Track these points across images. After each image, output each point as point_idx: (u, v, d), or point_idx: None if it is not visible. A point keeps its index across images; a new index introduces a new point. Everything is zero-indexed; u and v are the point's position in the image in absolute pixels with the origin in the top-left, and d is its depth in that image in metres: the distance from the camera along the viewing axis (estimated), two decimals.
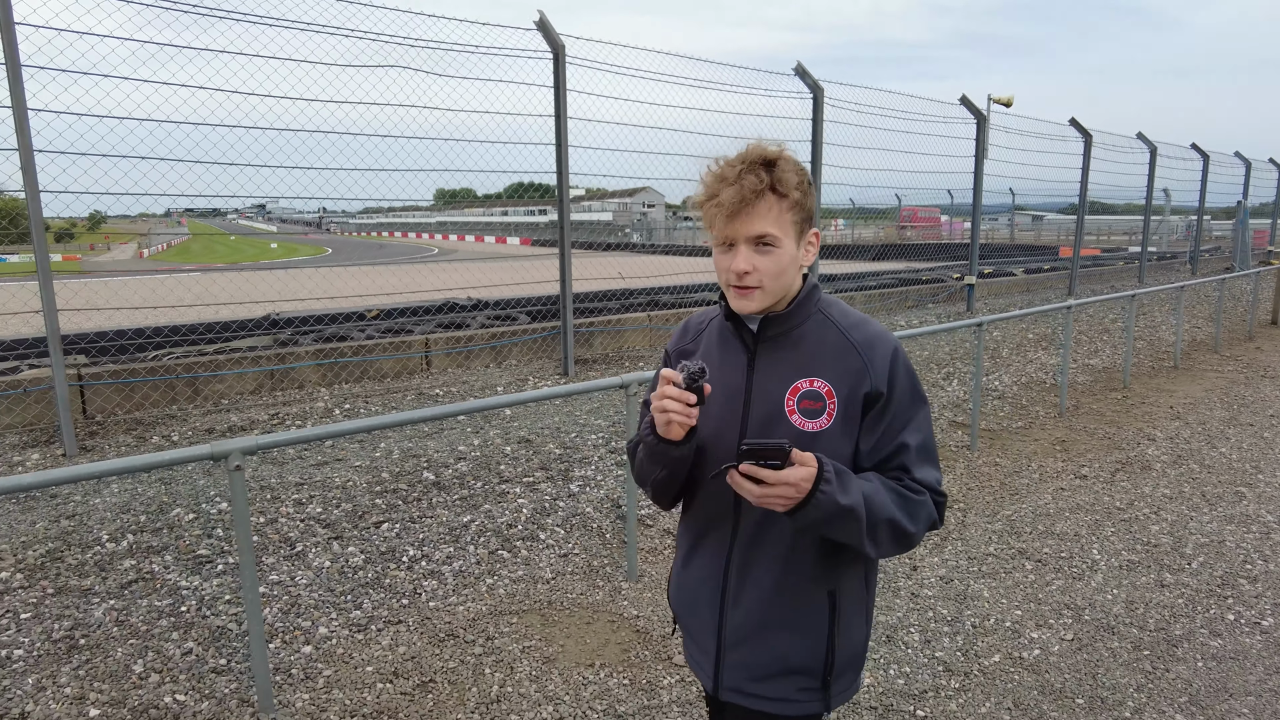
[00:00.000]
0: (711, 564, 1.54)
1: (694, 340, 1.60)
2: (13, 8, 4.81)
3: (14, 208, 7.83)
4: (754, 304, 1.44)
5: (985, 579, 3.85)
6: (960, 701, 2.89)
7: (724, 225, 1.40)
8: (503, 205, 62.64)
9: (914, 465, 1.46)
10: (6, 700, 2.85)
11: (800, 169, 1.45)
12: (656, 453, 1.44)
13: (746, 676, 1.51)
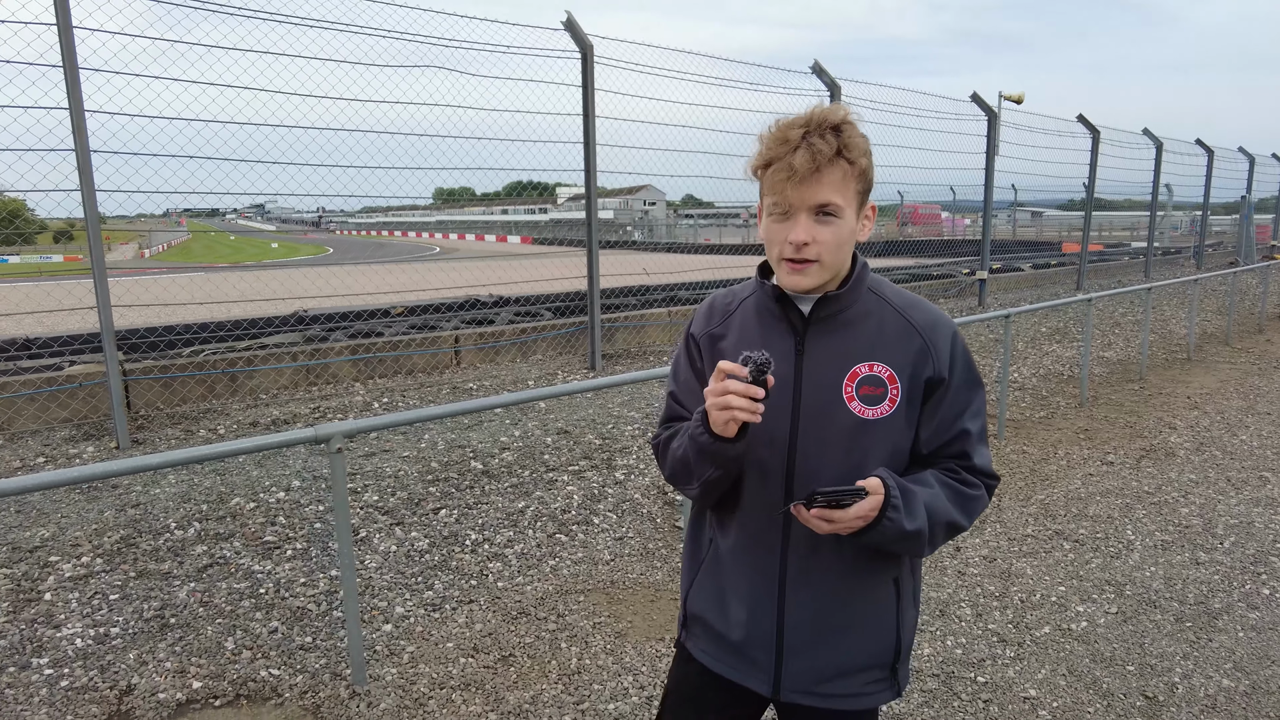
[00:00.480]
0: (763, 566, 1.45)
1: (722, 323, 1.49)
2: (71, 11, 4.95)
3: (14, 208, 7.89)
4: (809, 280, 1.35)
5: (1027, 558, 4.02)
6: (1017, 669, 3.05)
7: (789, 190, 1.31)
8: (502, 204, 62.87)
9: (974, 451, 1.42)
10: (114, 674, 3.00)
11: (865, 136, 1.36)
12: (710, 451, 1.33)
13: (815, 679, 1.45)
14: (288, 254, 48.09)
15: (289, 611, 3.45)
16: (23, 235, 24.76)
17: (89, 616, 3.37)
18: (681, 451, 1.40)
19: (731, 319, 1.48)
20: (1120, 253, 22.15)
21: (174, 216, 54.06)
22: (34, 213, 10.75)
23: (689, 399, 1.49)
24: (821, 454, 1.38)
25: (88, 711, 2.82)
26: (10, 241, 38.89)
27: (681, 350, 1.53)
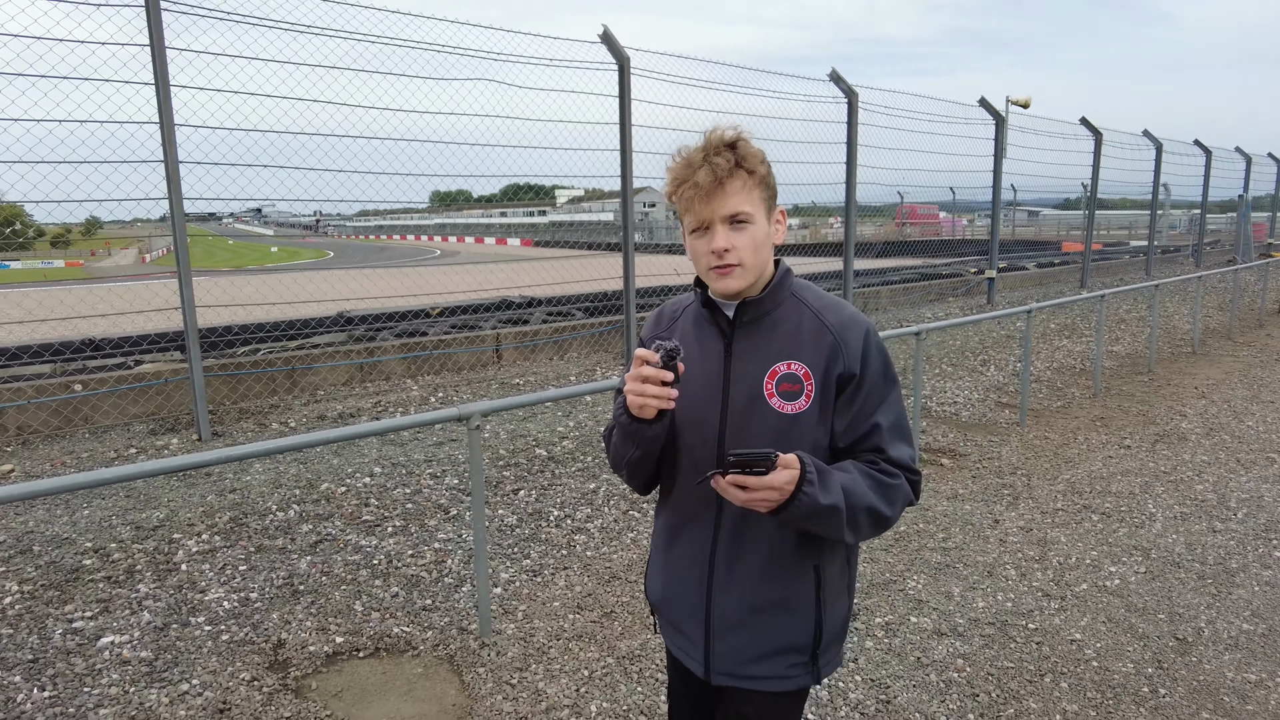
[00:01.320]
0: (695, 552, 1.56)
1: (668, 328, 1.63)
2: (165, 27, 5.35)
3: (13, 214, 8.10)
4: (735, 282, 1.46)
5: (1059, 528, 4.45)
6: (1062, 618, 3.48)
7: (700, 207, 1.43)
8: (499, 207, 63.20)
9: (888, 444, 1.48)
10: (265, 630, 3.41)
11: (758, 149, 1.48)
12: (630, 432, 1.46)
13: (738, 660, 1.55)
14: (288, 257, 48.36)
15: (404, 579, 3.85)
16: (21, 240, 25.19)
17: (226, 584, 3.77)
18: (615, 436, 1.54)
19: (676, 325, 1.61)
20: (1120, 251, 22.68)
21: None
22: (31, 218, 11.04)
23: None
24: (741, 441, 1.47)
25: (250, 661, 3.22)
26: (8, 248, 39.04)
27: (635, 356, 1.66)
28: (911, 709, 2.87)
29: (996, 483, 5.21)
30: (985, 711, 2.86)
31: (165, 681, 3.07)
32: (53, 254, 44.80)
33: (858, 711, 2.85)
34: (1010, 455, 5.77)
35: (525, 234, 55.61)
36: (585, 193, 52.46)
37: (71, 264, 42.23)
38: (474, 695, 2.99)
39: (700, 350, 1.54)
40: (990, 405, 7.12)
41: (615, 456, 1.56)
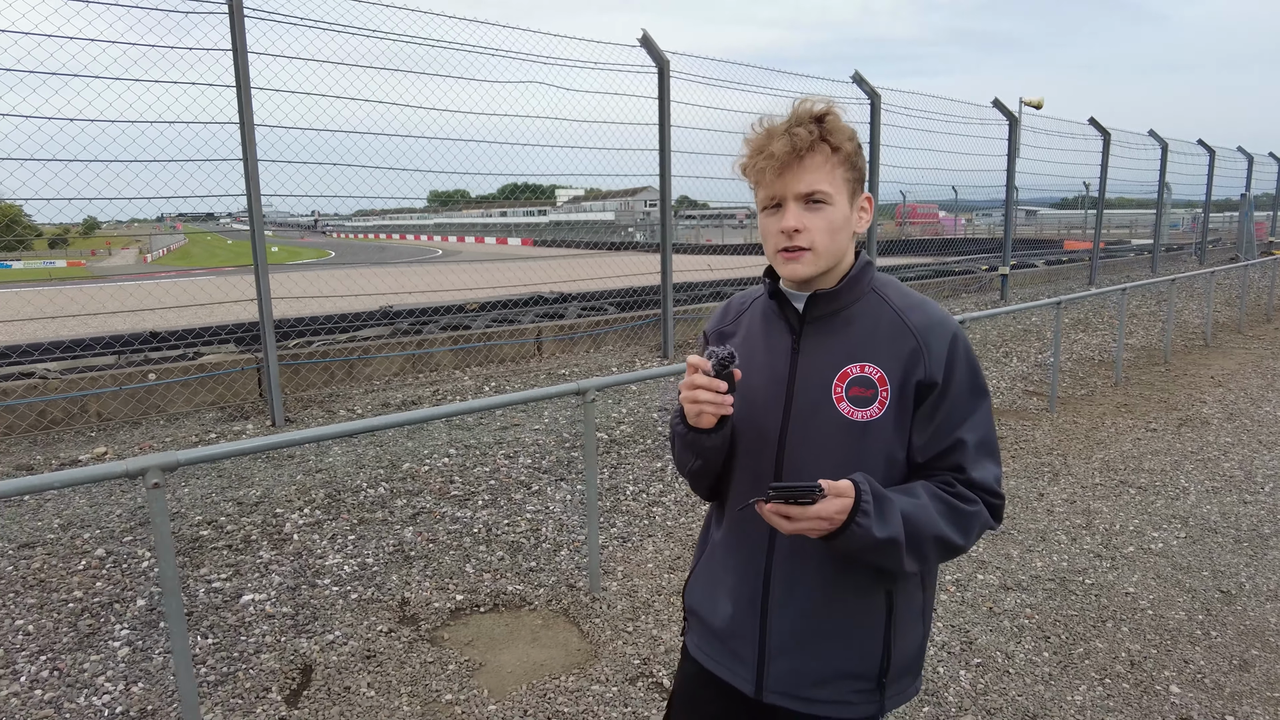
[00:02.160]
0: (750, 564, 1.46)
1: (734, 321, 1.53)
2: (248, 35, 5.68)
3: (11, 214, 8.28)
4: (804, 268, 1.35)
5: (1101, 500, 4.82)
6: (1114, 575, 3.84)
7: (773, 181, 1.33)
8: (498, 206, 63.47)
9: (970, 464, 1.36)
10: (388, 590, 3.74)
11: (849, 126, 1.37)
12: (689, 442, 1.40)
13: (796, 682, 1.44)
14: (290, 257, 48.61)
15: (505, 544, 4.20)
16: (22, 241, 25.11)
17: (340, 551, 4.10)
18: (675, 445, 1.48)
19: (743, 318, 1.52)
20: (1125, 249, 23.13)
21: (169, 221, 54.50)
22: (31, 219, 11.28)
23: None
24: (809, 454, 1.37)
25: (382, 616, 3.55)
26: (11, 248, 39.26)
27: (700, 346, 1.54)
28: (992, 649, 3.22)
29: (1035, 461, 5.58)
30: (1057, 651, 3.21)
31: (311, 632, 3.41)
32: (52, 254, 44.96)
33: (945, 651, 3.21)
34: (1044, 438, 6.14)
35: (526, 234, 55.88)
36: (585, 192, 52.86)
37: (73, 264, 42.45)
38: (595, 642, 3.33)
39: (766, 347, 1.44)
40: (1018, 393, 7.49)
41: (679, 463, 1.50)
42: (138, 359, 7.45)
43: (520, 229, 58.94)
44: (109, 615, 3.48)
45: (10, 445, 5.89)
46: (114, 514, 4.51)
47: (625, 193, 55.01)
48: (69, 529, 4.31)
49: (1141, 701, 2.90)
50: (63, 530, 4.29)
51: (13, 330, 8.40)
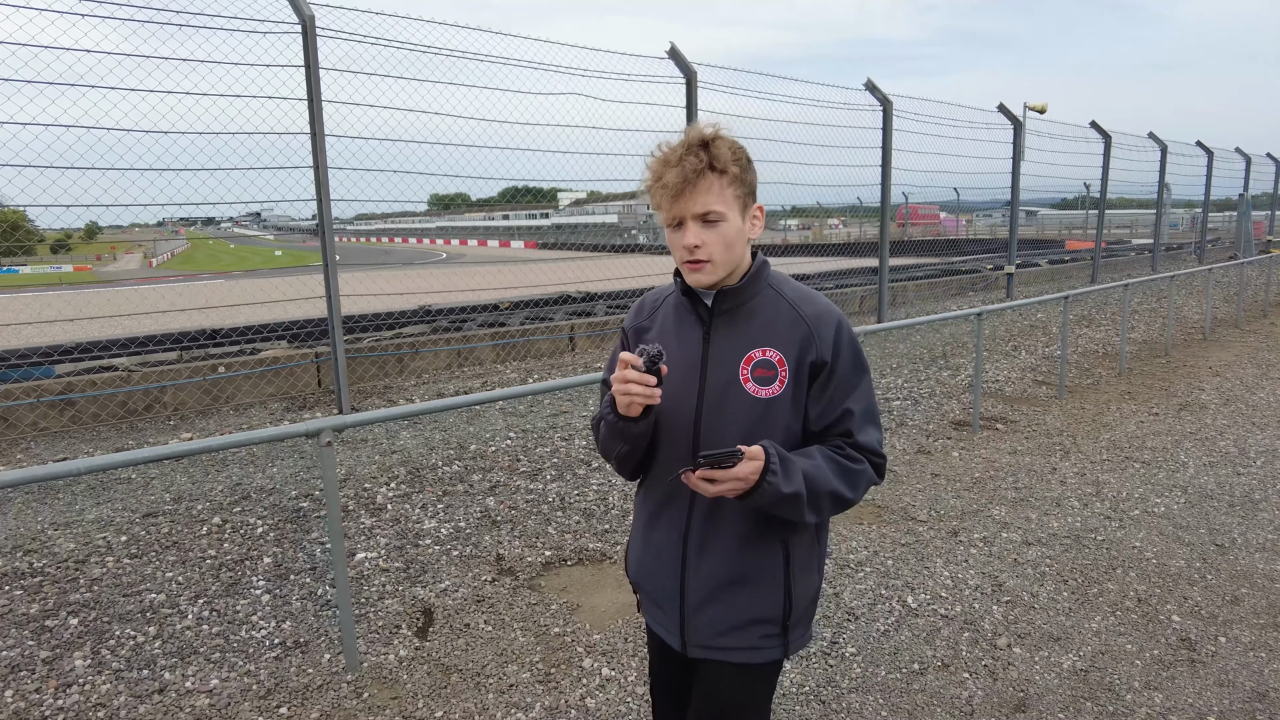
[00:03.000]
0: (671, 532, 1.67)
1: (649, 317, 1.70)
2: (319, 50, 6.21)
3: (14, 219, 8.50)
4: (706, 277, 1.55)
5: (1109, 473, 5.36)
6: (1122, 533, 4.39)
7: (670, 205, 1.52)
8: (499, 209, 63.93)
9: (857, 429, 1.59)
10: (483, 548, 4.28)
11: (736, 146, 1.55)
12: (617, 430, 1.56)
13: (713, 632, 1.65)
14: (295, 261, 49.06)
15: (579, 511, 4.73)
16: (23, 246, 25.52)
17: (434, 518, 4.63)
18: (602, 430, 1.64)
19: (657, 314, 1.70)
20: (1125, 249, 23.73)
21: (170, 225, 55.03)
22: (33, 224, 11.66)
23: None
24: (722, 428, 1.57)
25: (482, 569, 4.08)
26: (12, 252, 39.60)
27: (620, 341, 1.75)
28: (1019, 590, 3.76)
29: (1048, 441, 6.12)
30: (1075, 591, 3.75)
31: (424, 583, 3.94)
32: (62, 259, 45.42)
33: (979, 592, 3.75)
34: (1054, 421, 6.69)
35: (529, 236, 56.37)
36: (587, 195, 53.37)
37: (80, 268, 42.95)
38: None
39: (679, 338, 1.63)
40: (1028, 383, 8.04)
41: (605, 449, 1.67)
42: (199, 354, 7.98)
43: (523, 232, 59.42)
44: (243, 569, 4.01)
45: (101, 432, 6.42)
46: (216, 489, 5.05)
47: (627, 196, 55.67)
48: (180, 501, 4.84)
49: (1148, 627, 3.44)
50: (175, 503, 4.81)
51: (74, 329, 8.92)
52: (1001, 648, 3.29)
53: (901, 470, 5.49)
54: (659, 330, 1.65)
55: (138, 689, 3.08)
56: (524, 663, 3.27)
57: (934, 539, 4.37)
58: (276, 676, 3.17)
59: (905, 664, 3.18)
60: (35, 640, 3.36)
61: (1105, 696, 2.95)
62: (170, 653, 3.31)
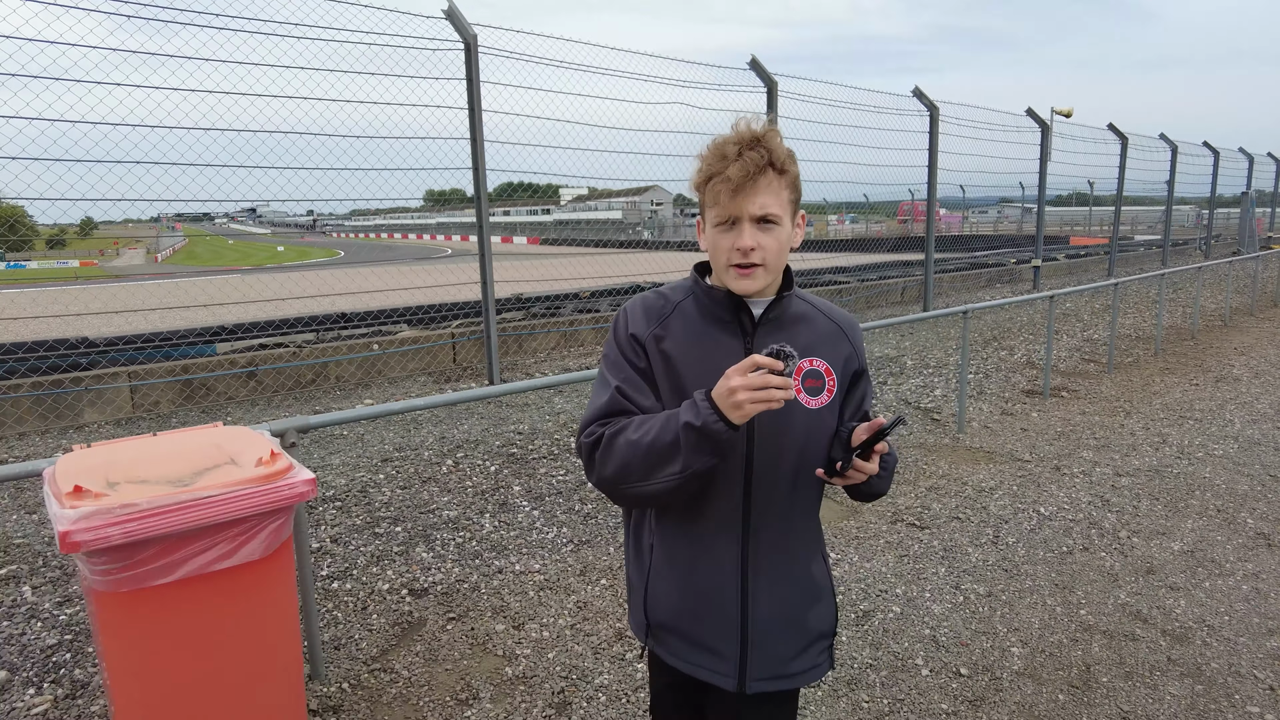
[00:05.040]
0: (724, 564, 1.57)
1: (660, 325, 1.57)
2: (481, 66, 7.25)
3: (13, 215, 9.00)
4: (756, 283, 1.49)
5: (1168, 428, 6.52)
6: (1193, 468, 5.53)
7: (729, 202, 1.45)
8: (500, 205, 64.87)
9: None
10: None
11: (788, 148, 1.50)
12: (723, 440, 1.40)
13: (781, 660, 1.59)
14: (298, 257, 49.81)
15: None
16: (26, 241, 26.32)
17: None
18: (658, 442, 1.43)
19: (668, 321, 1.57)
20: (1135, 245, 25.11)
21: (166, 221, 55.51)
22: (32, 219, 12.19)
23: (637, 394, 1.55)
24: (775, 441, 1.52)
25: None
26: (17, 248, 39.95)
27: (619, 350, 1.59)
28: (1123, 505, 4.89)
29: (1110, 405, 7.28)
30: (1166, 505, 4.88)
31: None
32: (67, 254, 45.86)
33: (1092, 506, 4.87)
34: (1109, 390, 7.85)
35: (532, 232, 57.28)
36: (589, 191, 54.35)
37: (86, 264, 43.48)
38: (847, 505, 4.95)
39: (713, 348, 1.53)
40: (1077, 360, 9.21)
41: (653, 465, 1.45)
42: (328, 336, 9.00)
43: (526, 228, 60.36)
44: (505, 494, 5.06)
45: (281, 401, 7.44)
46: (427, 440, 6.09)
47: (632, 192, 56.71)
48: (400, 450, 5.87)
49: (1229, 527, 4.57)
50: (398, 451, 5.85)
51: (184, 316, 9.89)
52: (1123, 538, 4.41)
53: (995, 426, 6.62)
54: (684, 339, 1.55)
55: (482, 570, 4.14)
56: None
57: (1042, 473, 5.49)
58: (583, 562, 4.24)
59: (1055, 549, 4.30)
60: (378, 539, 4.41)
61: (1210, 565, 4.09)
62: (489, 549, 4.36)
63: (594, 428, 1.55)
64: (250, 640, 2.35)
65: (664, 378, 1.54)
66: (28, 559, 4.20)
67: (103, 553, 2.05)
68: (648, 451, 1.44)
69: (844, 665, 3.24)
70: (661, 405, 1.54)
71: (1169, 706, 2.96)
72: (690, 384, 1.49)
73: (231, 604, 2.29)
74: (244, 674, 2.35)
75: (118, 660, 2.20)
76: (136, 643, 2.18)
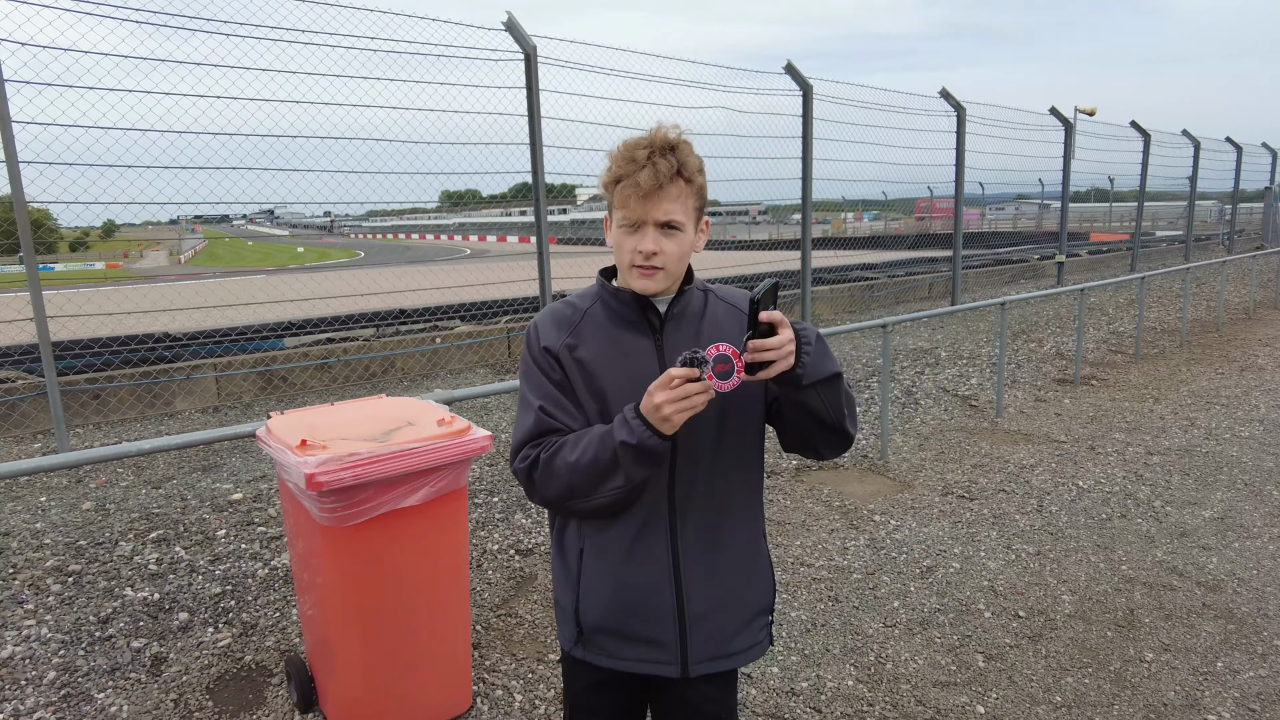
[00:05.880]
0: (656, 550, 1.60)
1: (572, 333, 1.61)
2: (538, 86, 7.73)
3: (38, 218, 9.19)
4: (656, 284, 1.55)
5: (1196, 412, 6.93)
6: (1220, 448, 5.95)
7: (635, 206, 1.49)
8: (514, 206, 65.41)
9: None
10: None
11: (698, 158, 1.56)
12: (659, 452, 1.46)
13: (721, 639, 1.63)
14: (320, 257, 50.62)
15: None
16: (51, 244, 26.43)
17: None
18: (597, 461, 1.49)
19: (579, 328, 1.62)
20: (1156, 240, 25.37)
21: (185, 223, 56.42)
22: (56, 221, 12.27)
23: (560, 412, 1.59)
24: (695, 428, 1.54)
25: None
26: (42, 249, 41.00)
27: (535, 365, 1.62)
28: (1156, 479, 5.32)
29: (1138, 392, 7.69)
30: (1196, 480, 5.31)
31: None
32: (92, 256, 46.83)
33: (1127, 480, 5.30)
34: (1137, 379, 8.25)
35: (551, 232, 57.77)
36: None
37: (111, 265, 44.42)
38: (900, 481, 5.40)
39: (624, 349, 1.59)
40: (1104, 352, 9.61)
41: (595, 481, 1.51)
42: (388, 331, 9.52)
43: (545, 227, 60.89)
44: None
45: (353, 390, 7.96)
46: (500, 424, 6.58)
47: None
48: None
49: (1256, 498, 4.99)
50: None
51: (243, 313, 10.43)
52: (1157, 508, 4.85)
53: (1030, 412, 7.05)
54: (594, 344, 1.60)
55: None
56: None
57: (1078, 452, 5.93)
58: None
59: (1095, 515, 4.74)
60: (478, 508, 4.89)
61: (1239, 530, 4.52)
62: None
63: (526, 450, 1.59)
64: (435, 566, 2.83)
65: (582, 385, 1.59)
66: (169, 524, 4.72)
67: (334, 493, 2.53)
68: (588, 471, 1.50)
69: (915, 610, 3.70)
70: (584, 414, 1.59)
71: (1204, 640, 3.41)
72: (608, 386, 1.57)
73: (422, 536, 2.78)
74: (430, 594, 2.84)
75: (338, 585, 2.69)
76: (354, 568, 2.67)
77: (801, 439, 1.62)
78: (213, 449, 6.14)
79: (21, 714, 3.04)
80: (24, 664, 3.35)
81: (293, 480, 2.58)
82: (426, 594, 2.83)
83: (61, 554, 4.35)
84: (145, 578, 4.07)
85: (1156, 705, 2.98)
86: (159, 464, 5.90)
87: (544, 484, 1.57)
